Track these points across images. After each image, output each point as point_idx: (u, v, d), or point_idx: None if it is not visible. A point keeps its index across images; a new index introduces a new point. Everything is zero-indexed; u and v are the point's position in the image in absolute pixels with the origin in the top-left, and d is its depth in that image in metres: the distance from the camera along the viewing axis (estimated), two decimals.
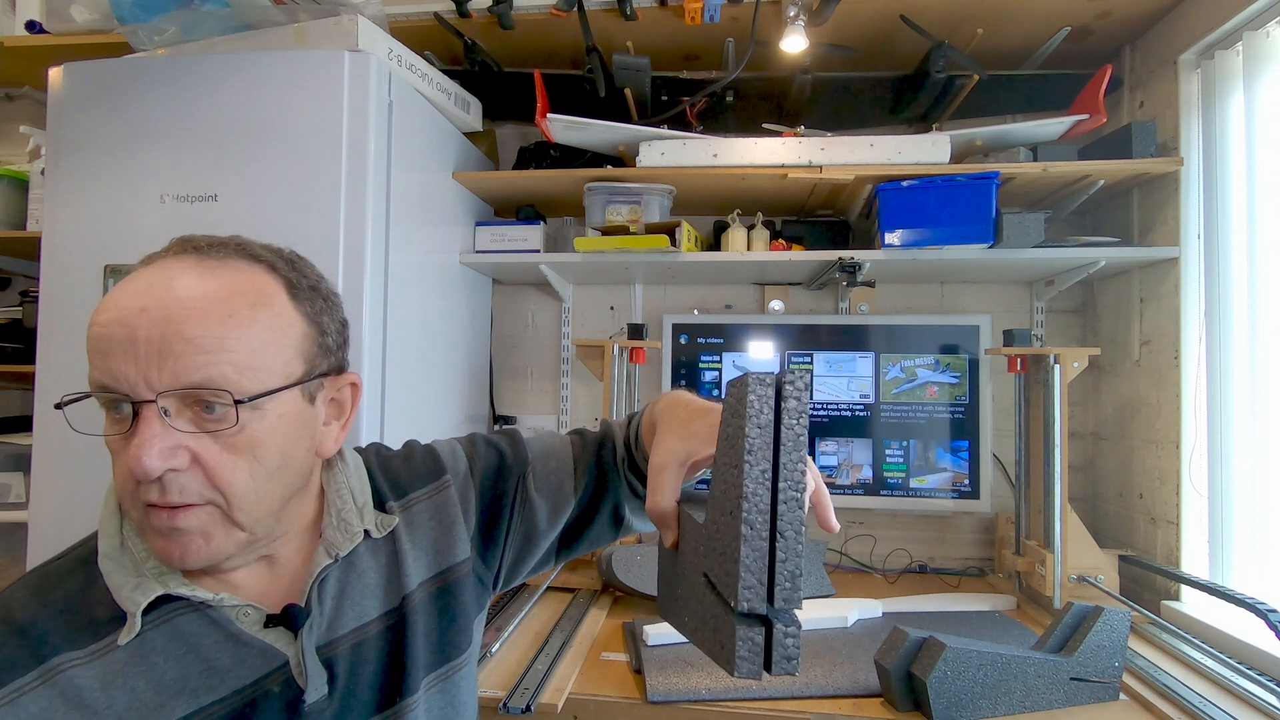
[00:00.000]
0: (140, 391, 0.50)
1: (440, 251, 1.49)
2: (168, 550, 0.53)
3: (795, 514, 0.40)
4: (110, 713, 0.52)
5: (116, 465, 0.53)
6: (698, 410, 0.59)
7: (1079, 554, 1.34)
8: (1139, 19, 1.41)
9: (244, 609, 0.58)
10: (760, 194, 1.57)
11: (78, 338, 1.20)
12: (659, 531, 0.57)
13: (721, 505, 0.43)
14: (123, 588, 0.54)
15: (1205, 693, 1.00)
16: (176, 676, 0.54)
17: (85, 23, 1.54)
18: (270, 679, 0.57)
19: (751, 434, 0.40)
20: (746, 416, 0.40)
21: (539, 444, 0.78)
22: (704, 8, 1.36)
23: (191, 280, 0.53)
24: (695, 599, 0.48)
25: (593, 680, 1.05)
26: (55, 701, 0.51)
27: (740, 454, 0.40)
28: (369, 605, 0.64)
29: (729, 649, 0.40)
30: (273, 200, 1.18)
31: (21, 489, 1.55)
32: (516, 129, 1.83)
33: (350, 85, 1.17)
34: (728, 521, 0.41)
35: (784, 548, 0.39)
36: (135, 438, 0.50)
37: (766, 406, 0.40)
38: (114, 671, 0.53)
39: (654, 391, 1.72)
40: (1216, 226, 1.29)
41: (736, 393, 0.42)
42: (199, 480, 0.52)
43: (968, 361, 1.58)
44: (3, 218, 1.70)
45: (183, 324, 0.50)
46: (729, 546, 0.40)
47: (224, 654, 0.56)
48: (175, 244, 0.56)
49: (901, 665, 0.94)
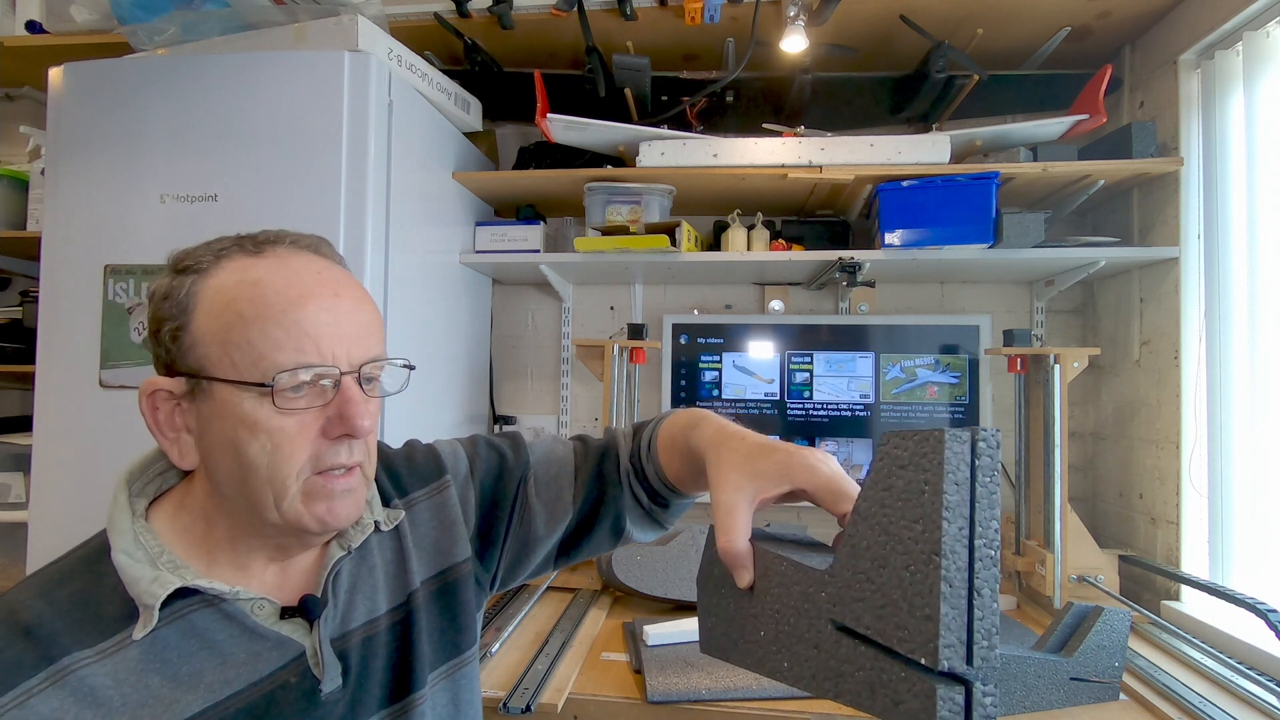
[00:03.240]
0: (344, 365, 0.56)
1: (440, 251, 1.49)
2: (332, 512, 0.57)
3: (991, 571, 0.39)
4: (125, 710, 0.52)
5: (296, 440, 0.55)
6: (758, 447, 0.59)
7: (1079, 554, 1.34)
8: (1139, 19, 1.41)
9: (258, 602, 0.58)
10: (760, 194, 1.57)
11: (78, 338, 1.22)
12: (727, 570, 0.55)
13: (878, 556, 0.43)
14: (140, 581, 0.54)
15: (1205, 693, 1.00)
16: (191, 671, 0.55)
17: (85, 23, 1.54)
18: (287, 670, 0.58)
19: (949, 490, 0.39)
20: (944, 473, 0.39)
21: (541, 449, 0.78)
22: (704, 8, 1.36)
23: (339, 273, 0.60)
24: (809, 645, 0.47)
25: (593, 680, 1.05)
26: (66, 701, 0.51)
27: (926, 509, 0.40)
28: (379, 599, 0.65)
29: (919, 709, 0.39)
30: (273, 200, 1.18)
31: (21, 489, 1.55)
32: (516, 129, 1.83)
33: (350, 85, 1.17)
34: (900, 575, 0.41)
35: (981, 606, 0.39)
36: (348, 405, 0.55)
37: (964, 464, 0.40)
38: (127, 668, 0.53)
39: (654, 392, 1.72)
40: (1216, 226, 1.29)
41: (918, 447, 0.42)
42: (361, 443, 0.59)
43: (968, 361, 1.58)
44: (3, 218, 1.70)
45: (361, 309, 0.59)
46: (906, 601, 0.40)
47: (239, 648, 0.56)
48: (281, 239, 0.59)
49: None
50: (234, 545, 0.59)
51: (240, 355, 0.53)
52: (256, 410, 0.53)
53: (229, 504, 0.57)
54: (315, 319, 0.55)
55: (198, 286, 0.55)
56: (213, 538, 0.59)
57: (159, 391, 0.56)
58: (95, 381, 1.21)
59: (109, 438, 1.20)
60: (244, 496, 0.56)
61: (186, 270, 0.56)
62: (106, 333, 1.21)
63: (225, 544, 0.59)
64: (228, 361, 0.53)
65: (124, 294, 1.21)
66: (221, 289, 0.54)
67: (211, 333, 0.54)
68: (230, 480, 0.55)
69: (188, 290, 0.55)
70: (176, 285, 0.55)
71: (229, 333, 0.53)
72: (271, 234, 0.59)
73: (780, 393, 1.64)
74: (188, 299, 0.55)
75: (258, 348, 0.53)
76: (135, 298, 1.21)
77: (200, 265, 0.56)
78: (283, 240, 0.59)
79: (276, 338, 0.53)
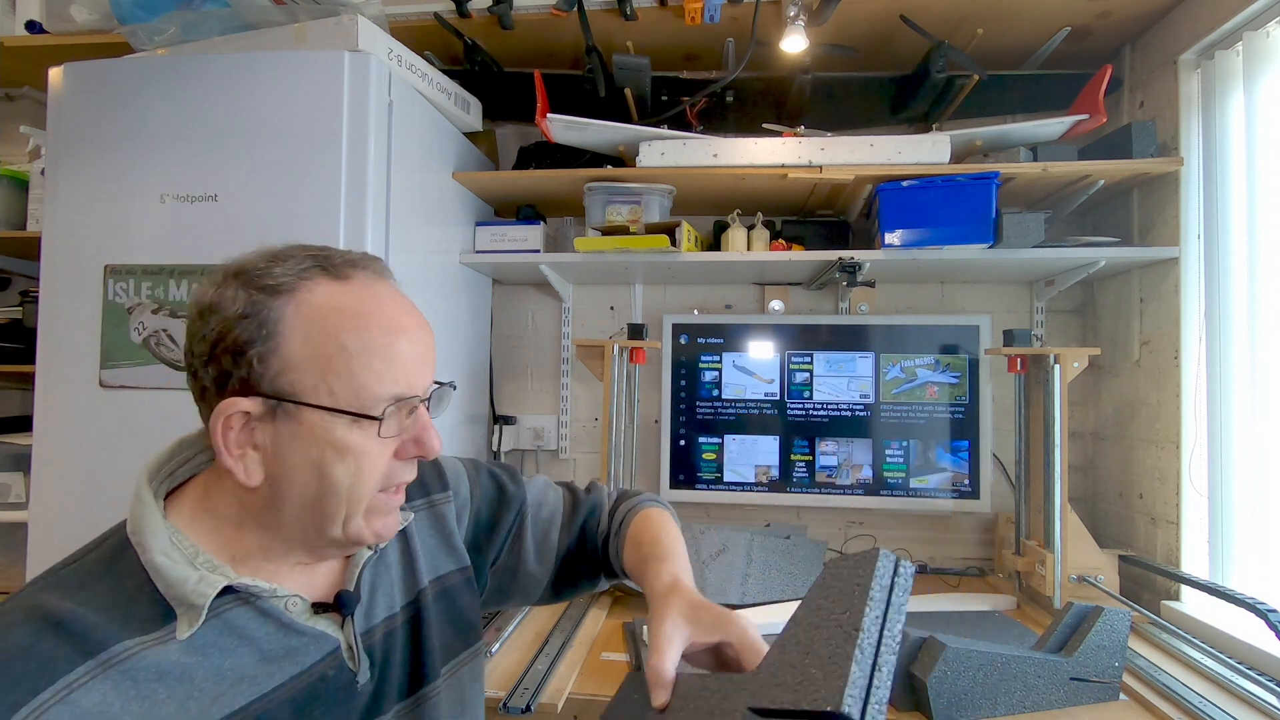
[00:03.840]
0: (421, 392, 0.61)
1: (440, 251, 1.49)
2: (386, 526, 0.62)
3: (889, 660, 0.48)
4: (170, 702, 0.53)
5: (378, 462, 0.59)
6: (702, 603, 0.66)
7: (1079, 554, 1.34)
8: (1139, 19, 1.41)
9: (292, 599, 0.60)
10: (760, 194, 1.57)
11: (78, 338, 1.22)
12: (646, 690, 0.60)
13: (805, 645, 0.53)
14: (186, 581, 0.54)
15: (1205, 693, 1.00)
16: (234, 667, 0.56)
17: (85, 23, 1.54)
18: (325, 663, 0.60)
19: (875, 587, 0.51)
20: (874, 574, 0.52)
21: (535, 490, 0.86)
22: (704, 8, 1.36)
23: (412, 303, 0.64)
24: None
25: (593, 680, 1.05)
26: (114, 691, 0.51)
27: (854, 599, 0.51)
28: (396, 596, 0.69)
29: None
30: (273, 200, 1.18)
31: (21, 489, 1.55)
32: (516, 129, 1.83)
33: (350, 85, 1.17)
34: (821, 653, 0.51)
35: (879, 681, 0.47)
36: (425, 430, 0.62)
37: (888, 573, 0.52)
38: (171, 663, 0.53)
39: (654, 392, 1.72)
40: (1216, 226, 1.29)
41: (857, 562, 0.55)
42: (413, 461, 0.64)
43: (968, 361, 1.58)
44: (3, 218, 1.70)
45: (430, 337, 0.63)
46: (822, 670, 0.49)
47: (276, 643, 0.58)
48: (358, 262, 0.60)
49: (901, 665, 0.94)
50: (265, 552, 0.60)
51: (341, 385, 0.56)
52: (348, 435, 0.56)
53: (280, 517, 0.58)
54: (407, 351, 0.59)
55: (285, 309, 0.55)
56: (241, 543, 0.59)
57: (236, 413, 0.55)
58: (95, 381, 1.21)
59: (109, 438, 1.20)
60: (312, 513, 0.58)
61: (268, 290, 0.55)
62: (106, 333, 1.21)
63: (255, 550, 0.60)
64: (325, 389, 0.55)
65: (124, 294, 1.21)
66: (318, 317, 0.56)
67: (308, 360, 0.55)
68: (301, 497, 0.57)
69: (274, 312, 0.55)
70: (259, 305, 0.55)
71: (331, 363, 0.55)
72: (341, 255, 0.60)
73: (780, 393, 1.64)
74: (276, 322, 0.55)
75: (360, 379, 0.56)
76: (135, 297, 1.21)
77: (283, 285, 0.56)
78: (357, 264, 0.60)
79: (379, 371, 0.57)
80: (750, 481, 1.64)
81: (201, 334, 0.56)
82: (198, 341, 0.56)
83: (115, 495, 1.16)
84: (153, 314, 1.20)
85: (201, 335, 0.56)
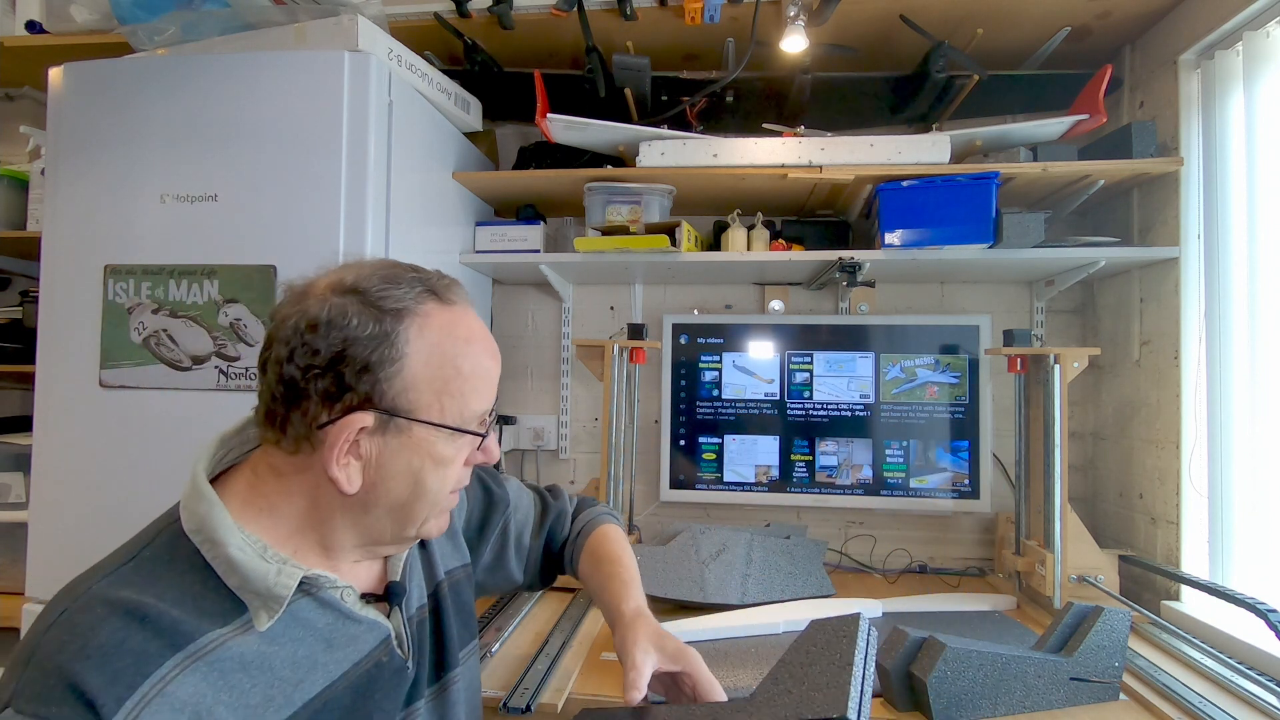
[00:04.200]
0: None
1: (440, 251, 1.49)
2: (441, 525, 0.69)
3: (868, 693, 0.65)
4: (255, 691, 0.55)
5: (459, 470, 0.66)
6: (664, 632, 0.80)
7: (1079, 554, 1.34)
8: (1139, 19, 1.41)
9: (346, 589, 0.63)
10: (760, 194, 1.57)
11: (78, 338, 1.22)
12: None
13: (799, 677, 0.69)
14: (266, 575, 0.57)
15: (1205, 693, 1.00)
16: (306, 655, 0.59)
17: (85, 23, 1.54)
18: (379, 650, 0.65)
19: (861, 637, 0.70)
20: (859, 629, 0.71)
21: (513, 491, 0.95)
22: (704, 8, 1.36)
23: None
24: None
25: (593, 680, 1.05)
26: (204, 681, 0.52)
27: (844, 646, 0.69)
28: (423, 587, 0.75)
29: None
30: (273, 200, 1.18)
31: (21, 489, 1.55)
32: (516, 129, 1.83)
33: (350, 85, 1.17)
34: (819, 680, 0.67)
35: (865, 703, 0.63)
36: (492, 441, 0.68)
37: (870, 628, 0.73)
38: (253, 653, 0.56)
39: (654, 392, 1.72)
40: (1216, 226, 1.29)
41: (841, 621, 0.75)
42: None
43: (968, 361, 1.58)
44: (3, 218, 1.70)
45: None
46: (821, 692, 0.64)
47: (339, 632, 0.62)
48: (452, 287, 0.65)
49: (901, 665, 0.94)
50: (325, 550, 0.64)
51: (451, 404, 0.62)
52: (447, 447, 0.63)
53: (366, 519, 0.63)
54: (495, 373, 0.67)
55: (410, 332, 0.60)
56: (301, 539, 0.62)
57: (360, 427, 0.58)
58: (95, 381, 1.21)
59: (109, 438, 1.20)
60: (399, 515, 0.63)
61: (393, 313, 0.59)
62: (106, 333, 1.21)
63: (314, 547, 0.63)
64: (437, 407, 0.61)
65: (124, 294, 1.21)
66: (436, 341, 0.61)
67: (427, 380, 0.60)
68: (393, 502, 0.62)
69: (401, 335, 0.59)
70: (387, 327, 0.59)
71: (447, 384, 0.61)
72: (436, 277, 0.65)
73: (780, 392, 1.64)
74: (403, 344, 0.59)
75: (466, 398, 0.63)
76: (135, 297, 1.21)
77: (404, 309, 0.60)
78: (451, 288, 0.65)
79: (480, 391, 0.64)
80: (750, 481, 1.64)
81: (315, 347, 0.57)
82: (308, 354, 0.57)
83: (115, 495, 1.17)
84: (153, 314, 1.20)
85: (315, 348, 0.57)
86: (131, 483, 1.18)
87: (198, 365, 1.19)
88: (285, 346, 0.58)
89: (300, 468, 0.60)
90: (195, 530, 0.57)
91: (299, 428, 0.58)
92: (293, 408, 0.58)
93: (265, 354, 0.60)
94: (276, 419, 0.59)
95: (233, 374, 1.18)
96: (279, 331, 0.59)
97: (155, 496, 1.15)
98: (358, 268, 0.62)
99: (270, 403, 0.60)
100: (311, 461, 0.59)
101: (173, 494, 0.62)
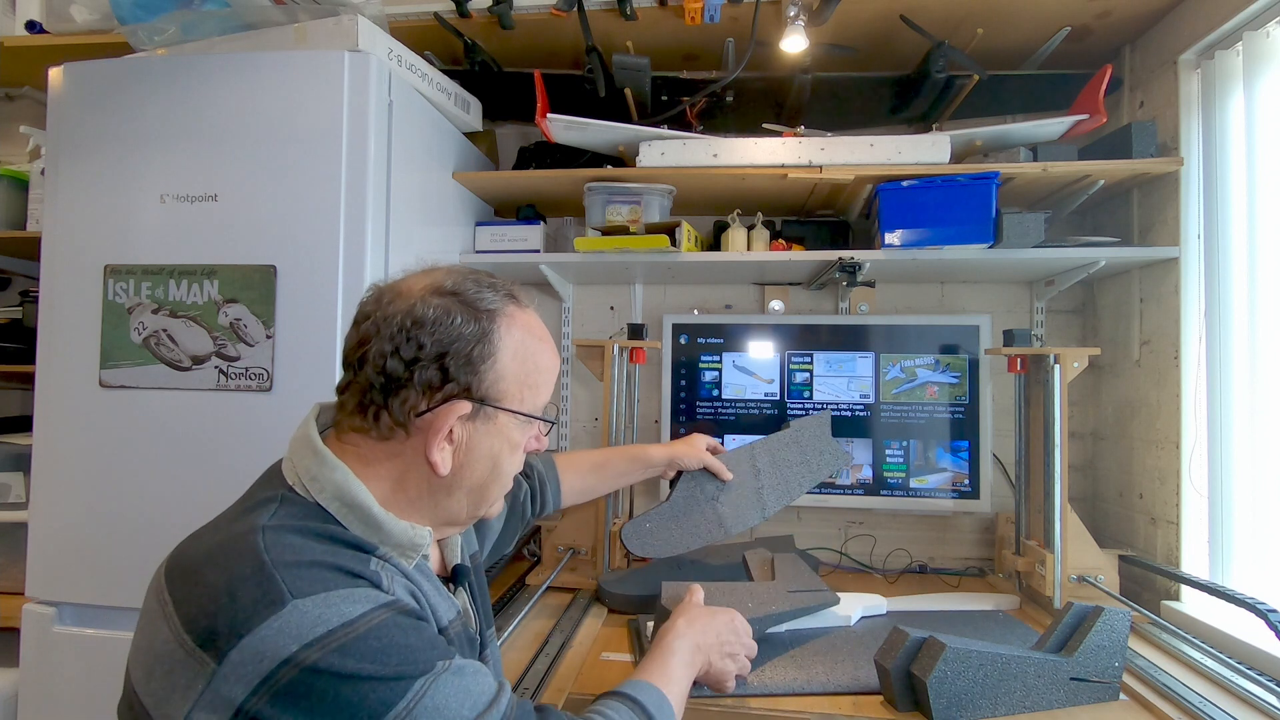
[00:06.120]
0: None
1: (440, 251, 1.49)
2: (500, 506, 0.77)
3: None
4: (425, 595, 0.67)
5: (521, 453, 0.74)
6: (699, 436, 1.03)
7: (1079, 554, 1.33)
8: (1139, 19, 1.41)
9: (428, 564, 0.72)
10: (760, 194, 1.57)
11: (78, 338, 1.22)
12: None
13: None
14: (407, 530, 0.65)
15: (1205, 693, 1.00)
16: (433, 591, 0.69)
17: (85, 23, 1.54)
18: (458, 620, 0.72)
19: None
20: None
21: None
22: (704, 8, 1.36)
23: None
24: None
25: (593, 680, 1.05)
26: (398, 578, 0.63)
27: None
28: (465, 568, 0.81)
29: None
30: (273, 200, 1.18)
31: (21, 489, 1.55)
32: (516, 129, 1.83)
33: (350, 85, 1.17)
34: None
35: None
36: (542, 431, 0.76)
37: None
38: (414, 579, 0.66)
39: (654, 392, 1.72)
40: (1216, 226, 1.29)
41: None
42: None
43: (968, 361, 1.58)
44: (3, 218, 1.70)
45: None
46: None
47: (437, 593, 0.70)
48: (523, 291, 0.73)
49: (901, 665, 0.94)
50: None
51: (529, 394, 0.70)
52: (521, 434, 0.71)
53: (448, 500, 0.69)
54: (557, 369, 0.75)
55: (501, 330, 0.67)
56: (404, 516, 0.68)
57: (460, 413, 0.65)
58: (95, 381, 1.21)
59: (109, 438, 1.20)
60: (476, 495, 0.71)
61: (489, 314, 0.67)
62: (106, 333, 1.21)
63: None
64: (518, 397, 0.69)
65: (124, 294, 1.21)
66: (521, 339, 0.69)
67: (514, 374, 0.68)
68: (473, 483, 0.69)
69: (496, 333, 0.67)
70: (485, 326, 0.66)
71: (530, 377, 0.70)
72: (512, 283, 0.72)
73: (780, 393, 1.64)
74: (498, 341, 0.67)
75: (539, 390, 0.71)
76: (135, 297, 1.21)
77: (495, 308, 0.68)
78: (522, 292, 0.73)
79: (549, 384, 0.73)
80: None
81: (421, 341, 0.63)
82: (414, 348, 0.63)
83: (115, 495, 1.17)
84: (153, 314, 1.20)
85: (421, 343, 0.63)
86: (131, 483, 1.18)
87: (198, 365, 1.19)
88: (389, 342, 0.63)
89: (391, 454, 0.66)
90: (336, 496, 0.63)
91: (397, 415, 0.64)
92: (391, 396, 0.64)
93: (361, 349, 0.65)
94: (370, 409, 0.65)
95: (232, 374, 1.18)
96: (383, 328, 0.64)
97: (155, 496, 1.16)
98: (445, 273, 0.69)
99: (366, 393, 0.65)
100: (403, 448, 0.66)
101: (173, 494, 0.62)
